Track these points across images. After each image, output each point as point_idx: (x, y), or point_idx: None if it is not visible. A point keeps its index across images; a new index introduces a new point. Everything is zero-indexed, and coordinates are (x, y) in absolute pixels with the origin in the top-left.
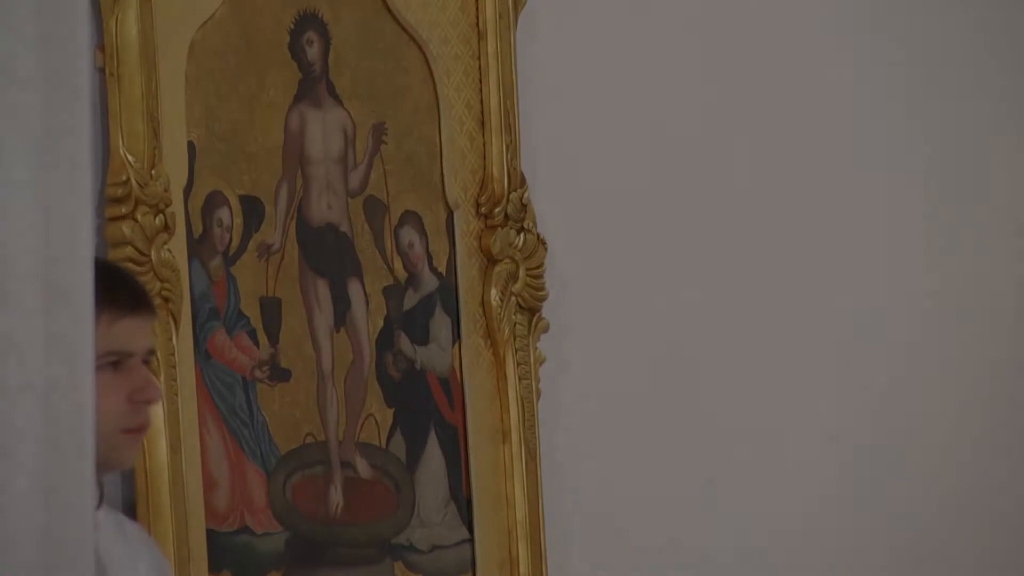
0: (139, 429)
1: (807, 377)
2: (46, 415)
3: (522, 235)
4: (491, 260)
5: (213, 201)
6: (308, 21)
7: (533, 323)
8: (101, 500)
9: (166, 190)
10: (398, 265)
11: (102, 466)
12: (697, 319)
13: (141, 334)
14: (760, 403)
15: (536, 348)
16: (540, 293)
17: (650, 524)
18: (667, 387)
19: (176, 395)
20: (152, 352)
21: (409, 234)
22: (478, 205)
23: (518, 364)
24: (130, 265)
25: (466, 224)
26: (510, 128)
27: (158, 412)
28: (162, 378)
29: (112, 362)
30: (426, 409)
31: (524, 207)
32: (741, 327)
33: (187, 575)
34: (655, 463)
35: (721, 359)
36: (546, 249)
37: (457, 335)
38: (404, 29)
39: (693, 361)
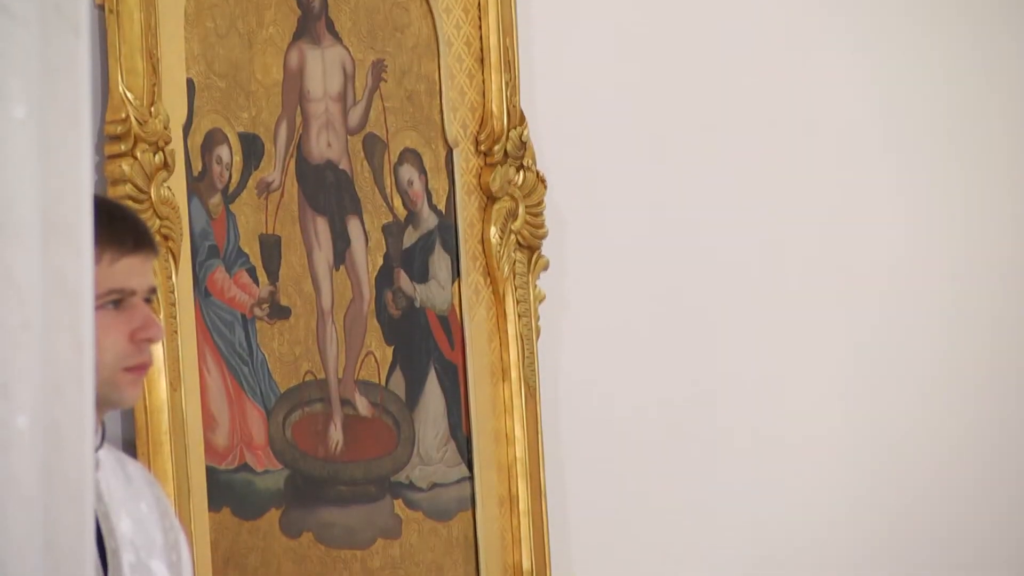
0: (141, 368)
1: (810, 308)
2: (46, 353)
3: (521, 173)
4: (490, 198)
5: (212, 138)
6: None
7: (533, 261)
8: (103, 439)
9: (165, 127)
10: (397, 203)
11: (104, 405)
12: (697, 256)
13: (143, 272)
14: (760, 339)
15: (535, 286)
16: (539, 231)
17: (649, 460)
18: (666, 324)
19: (175, 333)
20: (154, 291)
21: (408, 172)
22: (477, 143)
23: (518, 302)
24: (129, 203)
25: (465, 162)
26: (509, 65)
27: (158, 350)
28: (161, 316)
29: (114, 301)
30: (426, 347)
31: (523, 145)
32: (743, 262)
33: (187, 512)
34: (654, 399)
35: (721, 294)
36: (545, 187)
37: (457, 273)
38: None
39: (692, 298)
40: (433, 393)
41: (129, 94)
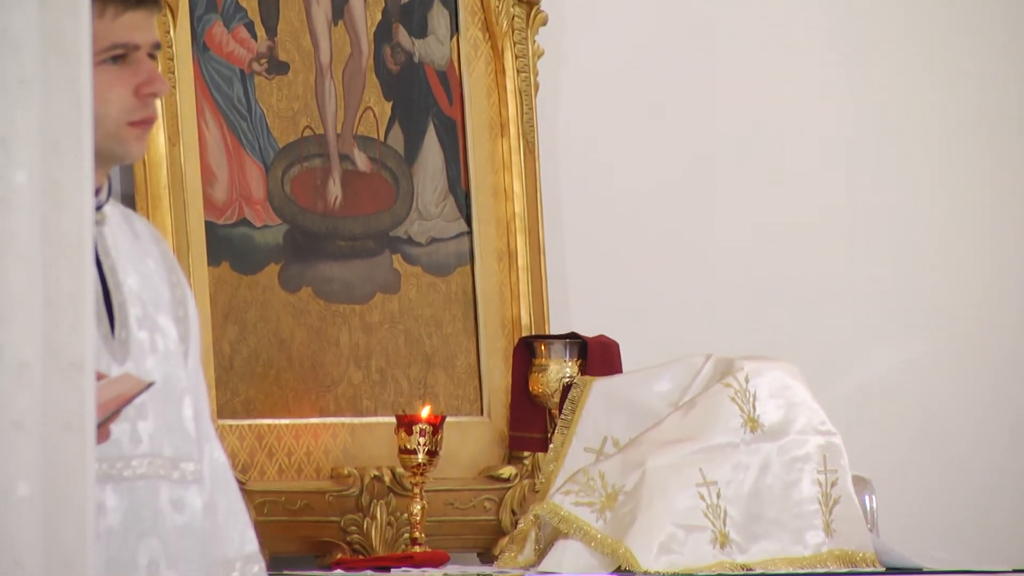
0: (145, 122)
1: (808, 65)
2: (44, 110)
3: None
4: None
5: None
6: None
7: (531, 16)
8: (108, 194)
9: None
10: None
11: (108, 160)
12: (698, 14)
13: (146, 27)
14: (760, 104)
15: (534, 41)
16: None
17: (649, 213)
18: (666, 79)
19: (174, 88)
20: (158, 46)
21: None
22: None
23: (516, 57)
24: None
25: None
26: None
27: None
28: (159, 71)
29: (117, 55)
30: (424, 102)
31: None
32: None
33: (186, 267)
34: (653, 154)
35: (723, 53)
36: None
37: (455, 28)
38: None
39: (692, 53)
40: (432, 148)
41: None
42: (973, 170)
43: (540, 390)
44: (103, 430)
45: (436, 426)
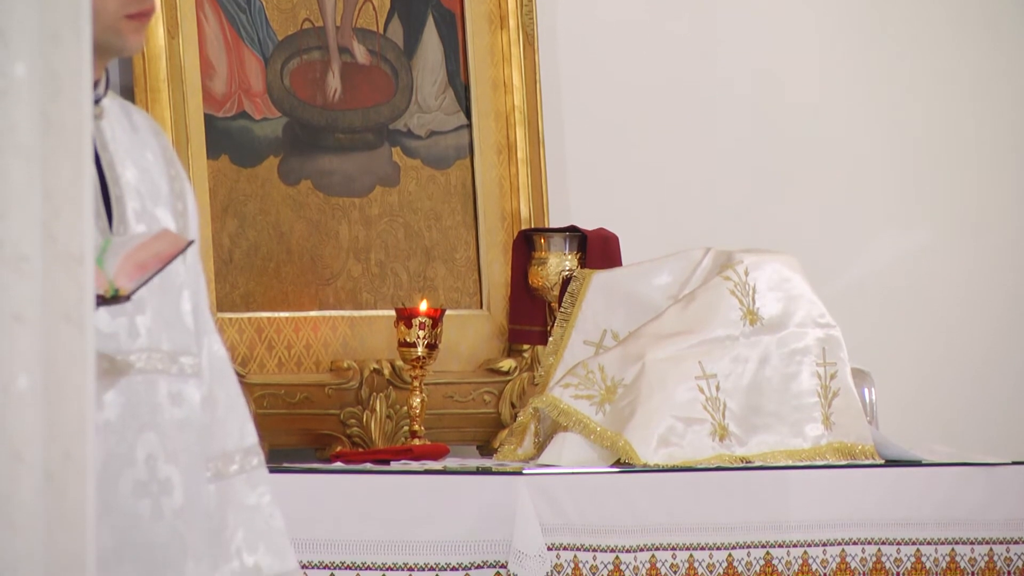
0: (143, 14)
1: None
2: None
3: None
4: None
5: None
6: None
7: None
8: (107, 87)
9: None
10: None
11: (106, 53)
12: None
13: None
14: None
15: None
16: None
17: (648, 106)
18: None
19: None
20: None
21: None
22: None
23: None
24: None
25: None
26: None
27: None
28: None
29: None
30: None
31: None
32: None
33: (185, 160)
34: (654, 49)
35: None
36: None
37: None
38: None
39: None
40: (431, 41)
41: None
42: (977, 59)
43: (540, 283)
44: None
45: (435, 319)
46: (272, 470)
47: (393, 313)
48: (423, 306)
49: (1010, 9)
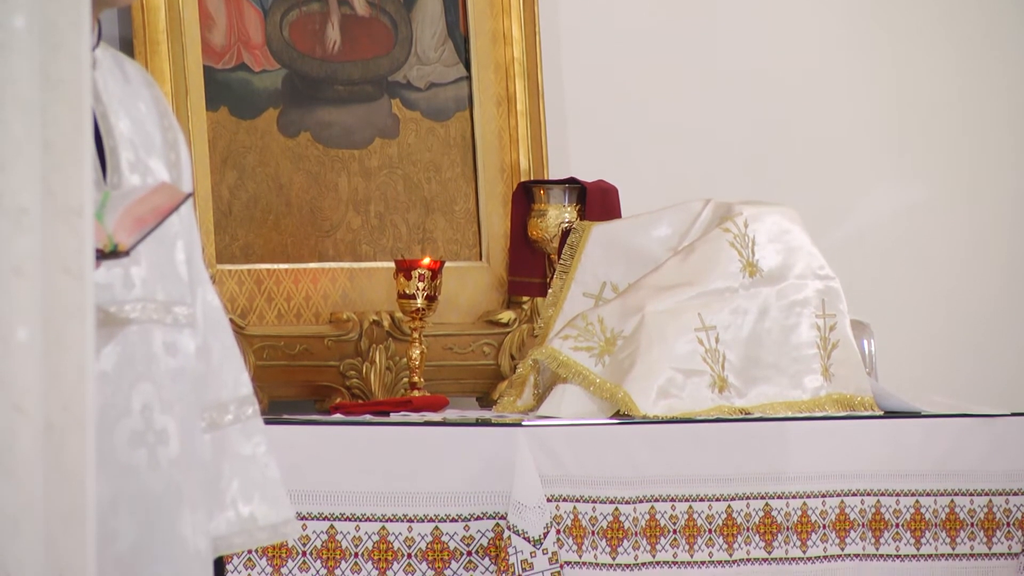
0: None
1: None
2: None
3: None
4: None
5: None
6: None
7: None
8: (99, 38)
9: None
10: None
11: (100, 3)
12: None
13: None
14: None
15: None
16: None
17: (648, 59)
18: None
19: None
20: None
21: None
22: None
23: None
24: None
25: None
26: None
27: None
28: None
29: None
30: None
31: None
32: None
33: (184, 112)
34: (653, 1)
35: None
36: None
37: None
38: None
39: None
40: None
41: None
42: (977, 15)
43: (539, 235)
44: None
45: (435, 271)
46: (272, 422)
47: (392, 265)
48: (426, 260)
49: None
